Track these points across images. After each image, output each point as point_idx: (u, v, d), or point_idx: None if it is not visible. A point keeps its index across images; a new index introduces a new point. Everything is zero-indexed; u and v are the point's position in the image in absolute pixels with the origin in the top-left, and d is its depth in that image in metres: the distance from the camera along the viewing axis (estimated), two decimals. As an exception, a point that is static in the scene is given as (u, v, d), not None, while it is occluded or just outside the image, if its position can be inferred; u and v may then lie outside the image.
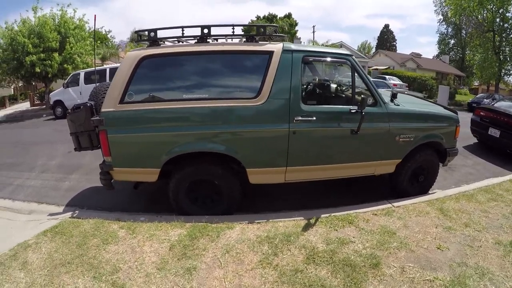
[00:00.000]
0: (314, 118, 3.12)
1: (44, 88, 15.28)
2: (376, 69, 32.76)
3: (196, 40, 3.15)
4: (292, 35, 47.42)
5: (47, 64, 12.21)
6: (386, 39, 54.65)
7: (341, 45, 31.56)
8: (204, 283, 2.14)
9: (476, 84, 33.65)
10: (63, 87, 11.80)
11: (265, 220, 3.10)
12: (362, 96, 3.11)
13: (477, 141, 7.24)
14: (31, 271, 2.42)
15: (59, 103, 11.70)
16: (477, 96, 19.39)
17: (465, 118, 7.50)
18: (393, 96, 3.63)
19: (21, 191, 4.60)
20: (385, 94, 3.89)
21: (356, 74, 3.26)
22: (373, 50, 52.37)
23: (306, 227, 2.95)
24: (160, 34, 3.16)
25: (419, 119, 3.63)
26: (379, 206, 3.47)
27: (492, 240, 2.81)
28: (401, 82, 24.25)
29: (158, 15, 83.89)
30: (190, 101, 2.95)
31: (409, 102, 4.03)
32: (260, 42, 3.21)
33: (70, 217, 3.42)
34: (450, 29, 42.01)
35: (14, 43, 11.58)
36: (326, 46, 25.62)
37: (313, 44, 26.14)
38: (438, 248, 2.65)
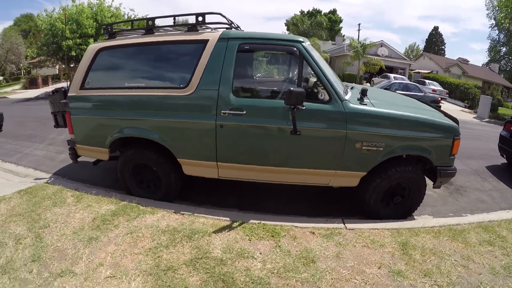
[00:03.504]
0: (245, 112, 2.90)
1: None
2: (418, 72, 31.04)
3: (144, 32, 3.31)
4: (335, 32, 46.49)
5: (83, 48, 13.43)
6: (434, 42, 51.26)
7: (381, 44, 30.18)
8: (93, 253, 2.42)
9: (528, 98, 30.60)
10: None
11: (190, 213, 3.07)
12: (290, 88, 2.62)
13: (505, 161, 6.04)
14: (-6, 216, 3.03)
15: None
16: (521, 110, 17.70)
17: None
18: (363, 93, 3.03)
19: (26, 158, 5.36)
20: (356, 89, 3.46)
21: (306, 64, 2.90)
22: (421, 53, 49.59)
23: (222, 230, 2.77)
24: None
25: (393, 125, 2.92)
26: (326, 224, 3.00)
27: (450, 306, 2.06)
28: (441, 88, 22.84)
29: (205, 1, 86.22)
30: (130, 89, 3.18)
31: (387, 102, 3.40)
32: (200, 31, 3.15)
33: (44, 182, 3.98)
34: (502, 36, 38.27)
35: (54, 29, 12.94)
36: (363, 44, 24.58)
37: (351, 42, 25.11)
38: (358, 299, 2.08)
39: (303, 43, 2.94)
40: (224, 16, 3.23)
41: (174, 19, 3.36)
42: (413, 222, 3.23)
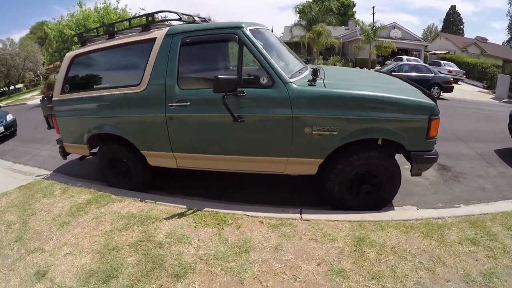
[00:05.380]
0: (189, 103, 3.00)
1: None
2: (435, 53, 29.90)
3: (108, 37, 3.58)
4: (349, 17, 45.41)
5: (92, 51, 14.14)
6: (452, 22, 48.66)
7: (394, 26, 29.24)
8: (63, 234, 2.82)
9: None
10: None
11: (153, 201, 3.27)
12: (217, 75, 2.56)
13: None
14: (-6, 208, 3.58)
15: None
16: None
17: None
18: (314, 74, 2.85)
19: (34, 159, 6.00)
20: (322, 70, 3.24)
21: (245, 50, 2.84)
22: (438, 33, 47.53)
23: (173, 216, 2.91)
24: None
25: (346, 106, 2.71)
26: (281, 214, 2.89)
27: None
28: (458, 69, 21.93)
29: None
30: (97, 90, 3.53)
31: (346, 82, 3.25)
32: (152, 30, 3.32)
33: (42, 178, 4.50)
34: (522, 11, 35.82)
35: (63, 35, 13.65)
36: (374, 28, 23.98)
37: (362, 26, 24.47)
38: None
39: (242, 29, 2.88)
40: (175, 12, 3.40)
41: (130, 21, 3.73)
42: (382, 214, 2.89)
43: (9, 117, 8.57)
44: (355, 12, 49.80)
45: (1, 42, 27.88)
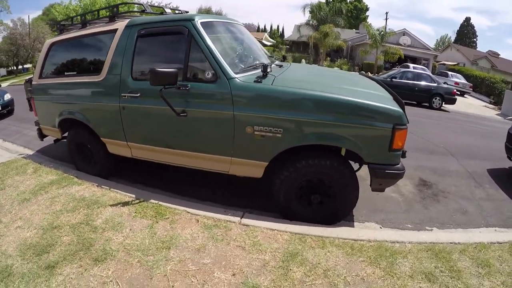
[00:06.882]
0: (139, 95, 3.05)
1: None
2: (444, 64, 29.67)
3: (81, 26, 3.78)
4: (361, 20, 45.15)
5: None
6: (465, 34, 48.30)
7: (404, 32, 29.05)
8: (21, 210, 3.04)
9: None
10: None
11: (108, 188, 3.38)
12: (154, 68, 2.51)
13: (512, 164, 4.84)
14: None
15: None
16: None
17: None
18: (264, 70, 2.67)
19: (22, 138, 6.28)
20: (284, 68, 3.31)
21: (194, 43, 2.77)
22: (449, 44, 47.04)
23: (119, 204, 3.00)
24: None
25: (292, 106, 2.52)
26: (221, 215, 2.82)
27: None
28: (465, 81, 21.71)
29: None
30: (67, 77, 3.70)
31: (301, 80, 2.89)
32: (117, 21, 3.40)
33: (21, 157, 4.74)
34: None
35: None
36: (381, 32, 23.77)
37: (369, 30, 24.26)
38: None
39: (193, 21, 2.81)
40: (141, 4, 3.57)
41: (98, 13, 3.93)
42: (330, 229, 2.63)
43: (7, 97, 8.86)
44: (368, 16, 49.61)
45: (12, 22, 28.50)
